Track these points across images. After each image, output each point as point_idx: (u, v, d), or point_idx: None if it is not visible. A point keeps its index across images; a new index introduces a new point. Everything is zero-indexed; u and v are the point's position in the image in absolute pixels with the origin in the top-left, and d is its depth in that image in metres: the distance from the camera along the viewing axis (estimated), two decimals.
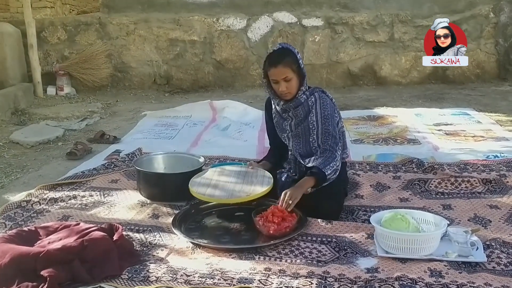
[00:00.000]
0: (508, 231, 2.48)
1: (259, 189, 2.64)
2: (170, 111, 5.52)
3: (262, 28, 6.94)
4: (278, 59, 2.65)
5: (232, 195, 2.63)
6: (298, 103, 2.75)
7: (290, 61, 2.66)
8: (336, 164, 2.62)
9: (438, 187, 3.08)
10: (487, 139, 4.18)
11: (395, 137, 4.31)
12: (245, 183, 2.74)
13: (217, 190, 2.71)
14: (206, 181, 2.81)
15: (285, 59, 2.65)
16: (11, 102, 5.67)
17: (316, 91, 2.80)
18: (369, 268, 2.14)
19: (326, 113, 2.72)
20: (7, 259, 2.02)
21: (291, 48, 2.75)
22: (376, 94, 6.47)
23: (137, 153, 3.81)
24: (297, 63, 2.68)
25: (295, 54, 2.69)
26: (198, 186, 2.74)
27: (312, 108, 2.74)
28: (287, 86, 2.67)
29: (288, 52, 2.70)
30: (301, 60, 2.74)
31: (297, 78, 2.70)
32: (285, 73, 2.64)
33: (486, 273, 2.06)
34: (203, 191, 2.69)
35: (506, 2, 6.89)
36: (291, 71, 2.65)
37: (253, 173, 2.84)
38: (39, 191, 3.08)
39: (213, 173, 2.92)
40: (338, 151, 2.69)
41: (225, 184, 2.77)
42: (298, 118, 2.78)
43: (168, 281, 2.03)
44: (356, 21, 6.87)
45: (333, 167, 2.60)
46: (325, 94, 2.82)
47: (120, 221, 2.63)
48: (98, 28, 6.99)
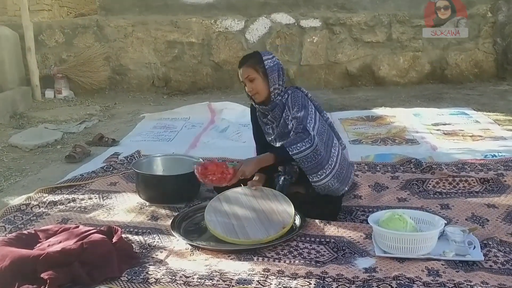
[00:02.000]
0: (505, 230, 2.49)
1: (287, 218, 2.52)
2: (168, 113, 5.53)
3: (260, 30, 6.94)
4: (242, 61, 2.77)
5: (268, 232, 2.45)
6: (274, 105, 2.77)
7: (253, 62, 2.72)
8: (305, 145, 2.53)
9: (436, 187, 3.09)
10: (485, 139, 4.19)
11: (393, 137, 4.32)
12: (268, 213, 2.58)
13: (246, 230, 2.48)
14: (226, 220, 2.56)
15: (248, 60, 2.74)
16: (10, 105, 5.67)
17: (289, 89, 2.81)
18: (367, 268, 2.15)
19: (297, 103, 2.70)
20: (7, 262, 2.03)
21: (263, 52, 2.81)
22: (374, 94, 6.48)
23: (136, 156, 3.82)
24: (261, 63, 2.71)
25: (260, 55, 2.74)
26: (225, 231, 2.48)
27: (285, 104, 2.75)
28: (252, 87, 2.72)
29: (254, 54, 2.79)
30: (272, 62, 2.73)
31: (263, 79, 2.71)
32: (247, 72, 2.71)
33: (483, 271, 2.07)
34: (235, 236, 2.44)
35: (503, 1, 6.89)
36: (253, 71, 2.70)
37: (265, 197, 2.70)
38: (38, 194, 3.09)
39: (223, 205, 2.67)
40: (311, 132, 2.57)
41: (247, 220, 2.54)
42: (277, 120, 2.79)
43: (167, 283, 2.04)
44: (354, 22, 6.88)
45: (300, 148, 2.52)
46: (299, 89, 2.82)
47: (119, 223, 2.64)
48: (95, 30, 7.00)
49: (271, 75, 2.71)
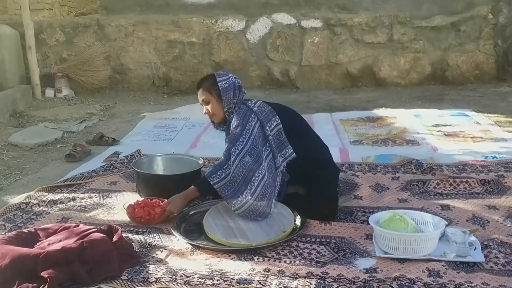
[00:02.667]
0: (506, 231, 2.49)
1: (287, 224, 2.52)
2: (169, 112, 5.53)
3: (261, 30, 6.94)
4: (198, 84, 2.84)
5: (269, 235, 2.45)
6: (228, 124, 2.80)
7: (208, 85, 2.77)
8: (224, 172, 2.60)
9: (437, 188, 3.09)
10: (486, 140, 4.18)
11: (394, 138, 4.31)
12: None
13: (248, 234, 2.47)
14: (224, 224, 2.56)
15: (203, 84, 2.80)
16: (10, 104, 5.67)
17: (238, 106, 2.76)
18: (368, 268, 2.15)
19: (236, 121, 2.67)
20: (7, 261, 2.03)
21: (218, 73, 2.81)
22: (375, 95, 6.48)
23: (136, 155, 3.81)
24: (215, 86, 2.74)
25: (215, 78, 2.76)
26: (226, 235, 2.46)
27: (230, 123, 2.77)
28: (208, 109, 2.80)
29: (208, 77, 2.84)
30: (227, 83, 2.73)
31: (217, 101, 2.76)
32: (202, 95, 2.79)
33: (484, 273, 2.07)
34: (235, 239, 2.42)
35: (505, 3, 6.89)
36: (208, 94, 2.77)
37: None
38: (38, 193, 3.09)
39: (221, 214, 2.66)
40: (231, 157, 2.59)
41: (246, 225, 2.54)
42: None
43: (167, 282, 2.04)
44: (355, 23, 6.87)
45: (220, 176, 2.60)
46: (245, 104, 2.75)
47: (119, 222, 2.64)
48: (96, 30, 6.99)
49: (225, 95, 2.74)
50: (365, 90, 6.89)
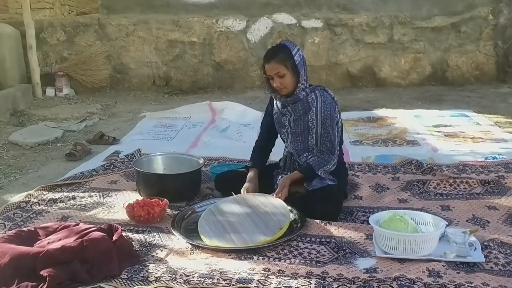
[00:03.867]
0: (506, 231, 2.49)
1: (283, 220, 2.50)
2: (169, 112, 5.52)
3: (262, 30, 6.94)
4: (272, 56, 2.70)
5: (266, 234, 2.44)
6: (297, 99, 2.76)
7: (284, 58, 2.68)
8: (329, 168, 2.69)
9: (437, 188, 3.09)
10: (486, 141, 4.19)
11: (394, 139, 4.32)
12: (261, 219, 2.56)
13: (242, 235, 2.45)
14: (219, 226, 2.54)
15: (278, 55, 2.69)
16: (10, 103, 5.67)
17: (317, 89, 2.81)
18: (368, 268, 2.14)
19: (326, 113, 2.73)
20: (7, 259, 2.02)
21: (289, 44, 2.77)
22: (375, 95, 6.48)
23: (137, 154, 3.81)
24: (291, 60, 2.68)
25: (290, 51, 2.70)
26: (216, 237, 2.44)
27: (312, 106, 2.74)
28: (281, 82, 2.70)
29: (282, 48, 2.73)
30: (299, 57, 2.74)
31: (292, 74, 2.70)
32: (277, 69, 2.68)
33: (484, 273, 2.07)
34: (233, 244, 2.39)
35: (505, 4, 6.89)
36: (283, 67, 2.67)
37: (259, 202, 2.68)
38: (38, 192, 3.09)
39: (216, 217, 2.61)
40: (335, 154, 2.72)
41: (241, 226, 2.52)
42: (296, 114, 2.79)
43: (167, 281, 2.04)
44: (356, 23, 6.88)
45: (326, 170, 2.67)
46: (327, 93, 2.82)
47: (119, 221, 2.63)
48: (97, 29, 6.99)
49: (301, 70, 2.72)
50: (365, 90, 6.89)
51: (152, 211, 2.65)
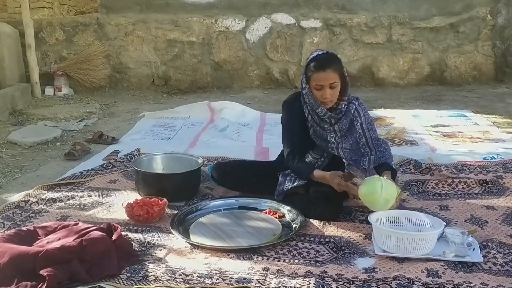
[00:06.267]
0: (505, 231, 2.50)
1: (276, 228, 2.53)
2: (168, 112, 5.52)
3: (261, 30, 6.95)
4: (327, 63, 2.51)
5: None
6: (339, 112, 2.64)
7: (339, 67, 2.54)
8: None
9: (435, 188, 3.10)
10: (484, 141, 4.20)
11: (392, 138, 4.32)
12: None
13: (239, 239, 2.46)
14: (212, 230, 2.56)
15: (334, 63, 2.53)
16: (9, 102, 5.67)
17: (352, 99, 2.72)
18: (367, 268, 2.15)
19: (369, 120, 2.72)
20: (6, 259, 2.02)
21: (334, 53, 2.65)
22: (374, 95, 6.49)
23: (136, 154, 3.81)
24: (342, 69, 2.56)
25: (340, 61, 2.58)
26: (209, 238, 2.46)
27: (355, 117, 2.67)
28: (331, 93, 2.54)
29: (335, 57, 2.58)
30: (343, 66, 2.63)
31: (341, 86, 2.57)
32: (333, 78, 2.51)
33: (483, 273, 2.07)
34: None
35: (503, 4, 6.91)
36: (338, 77, 2.53)
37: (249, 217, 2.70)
38: (37, 191, 3.09)
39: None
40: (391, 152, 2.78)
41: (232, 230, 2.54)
42: (342, 131, 2.69)
43: (166, 281, 2.04)
44: (354, 23, 6.89)
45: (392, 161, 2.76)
46: (358, 100, 2.76)
47: (118, 221, 2.63)
48: (96, 28, 6.99)
49: (348, 82, 2.59)
50: (364, 90, 6.90)
51: (152, 211, 2.66)
